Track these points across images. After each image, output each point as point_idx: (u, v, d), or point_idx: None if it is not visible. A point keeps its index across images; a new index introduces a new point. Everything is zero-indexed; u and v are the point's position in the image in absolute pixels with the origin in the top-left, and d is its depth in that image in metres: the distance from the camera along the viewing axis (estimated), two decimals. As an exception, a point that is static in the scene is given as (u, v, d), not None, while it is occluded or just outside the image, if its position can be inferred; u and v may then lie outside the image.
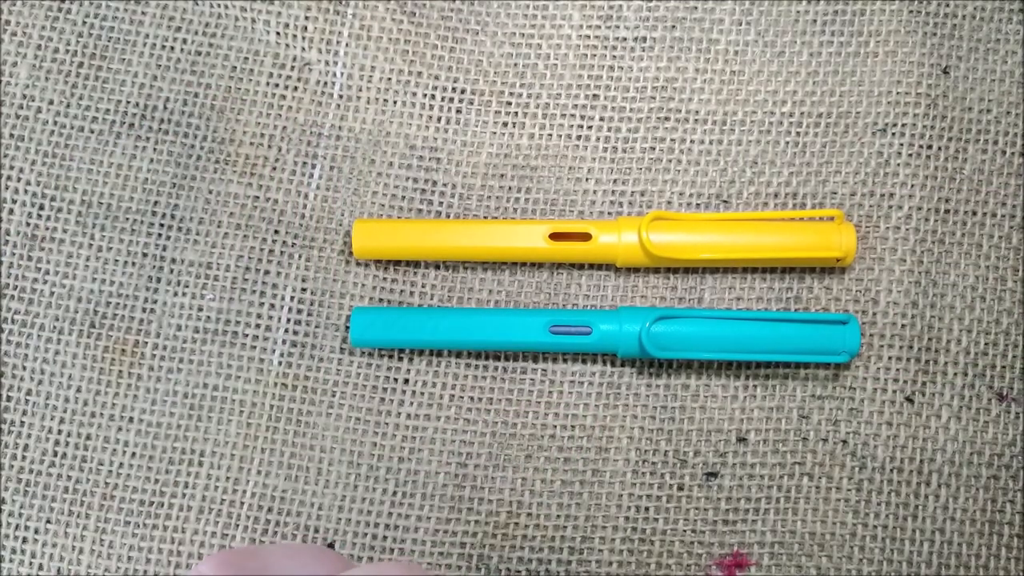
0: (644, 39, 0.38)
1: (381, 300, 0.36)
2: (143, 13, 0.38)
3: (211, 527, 0.35)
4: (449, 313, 0.35)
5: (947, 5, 0.37)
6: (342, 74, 0.38)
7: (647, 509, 0.35)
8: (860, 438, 0.35)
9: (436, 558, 0.34)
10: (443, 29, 0.38)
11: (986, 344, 0.36)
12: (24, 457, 0.35)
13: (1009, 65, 0.37)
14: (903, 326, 0.35)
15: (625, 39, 0.38)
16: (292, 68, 0.38)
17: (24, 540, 0.35)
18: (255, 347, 0.36)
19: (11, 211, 0.37)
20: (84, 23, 0.38)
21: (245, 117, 0.37)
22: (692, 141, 0.37)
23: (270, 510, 0.35)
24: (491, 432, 0.35)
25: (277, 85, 0.38)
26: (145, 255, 0.36)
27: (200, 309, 0.36)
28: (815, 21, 0.38)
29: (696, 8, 0.38)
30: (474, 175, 0.37)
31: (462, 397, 0.36)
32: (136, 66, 0.38)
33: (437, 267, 0.37)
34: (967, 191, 0.36)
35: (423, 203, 0.37)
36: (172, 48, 0.38)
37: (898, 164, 0.36)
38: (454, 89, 0.38)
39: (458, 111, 0.38)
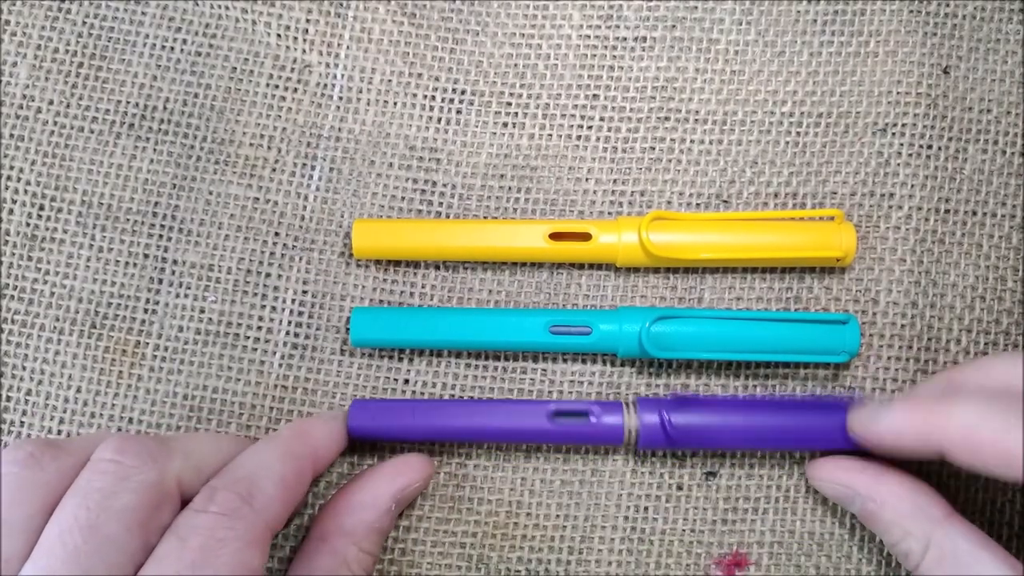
0: (644, 39, 0.38)
1: (381, 300, 0.36)
2: (143, 13, 0.38)
3: (212, 527, 0.35)
4: (449, 313, 0.35)
5: (947, 5, 0.37)
6: (342, 76, 0.38)
7: (646, 509, 0.35)
8: (859, 438, 0.35)
9: (436, 558, 0.34)
10: (443, 30, 0.38)
11: (986, 344, 0.36)
12: (25, 457, 0.35)
13: (1009, 65, 0.37)
14: (903, 326, 0.35)
15: (625, 39, 0.38)
16: (292, 70, 0.38)
17: (26, 540, 0.35)
18: (256, 349, 0.36)
19: (11, 211, 0.37)
20: (84, 23, 0.38)
21: (245, 118, 0.37)
22: (692, 141, 0.37)
23: (271, 510, 0.35)
24: (491, 432, 0.35)
25: (277, 87, 0.38)
26: (146, 256, 0.36)
27: (202, 311, 0.36)
28: (815, 21, 0.37)
29: (696, 8, 0.38)
30: (474, 175, 0.37)
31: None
32: (136, 66, 0.38)
33: (437, 267, 0.37)
34: (967, 191, 0.36)
35: (423, 203, 0.37)
36: (172, 49, 0.38)
37: (898, 164, 0.36)
38: (454, 90, 0.38)
39: (458, 112, 0.38)
